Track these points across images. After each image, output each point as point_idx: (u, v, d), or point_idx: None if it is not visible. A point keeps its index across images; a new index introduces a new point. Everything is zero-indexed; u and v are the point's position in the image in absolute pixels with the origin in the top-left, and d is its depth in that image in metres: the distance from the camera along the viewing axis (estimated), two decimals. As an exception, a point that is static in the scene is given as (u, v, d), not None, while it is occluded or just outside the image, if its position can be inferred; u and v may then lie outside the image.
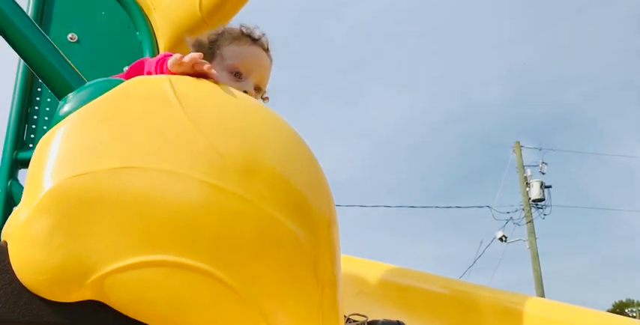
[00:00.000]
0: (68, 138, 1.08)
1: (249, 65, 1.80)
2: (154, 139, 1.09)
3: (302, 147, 1.27)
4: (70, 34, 2.39)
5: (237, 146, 1.14)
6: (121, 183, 1.03)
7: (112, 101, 1.13)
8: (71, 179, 1.02)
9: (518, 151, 22.85)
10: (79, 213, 1.01)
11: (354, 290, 2.12)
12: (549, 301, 1.98)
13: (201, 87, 1.22)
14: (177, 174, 1.06)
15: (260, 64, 1.83)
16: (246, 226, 1.08)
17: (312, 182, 1.24)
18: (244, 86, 1.75)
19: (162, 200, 1.04)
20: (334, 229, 1.25)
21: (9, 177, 2.10)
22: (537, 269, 20.08)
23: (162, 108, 1.13)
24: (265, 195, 1.11)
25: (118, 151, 1.06)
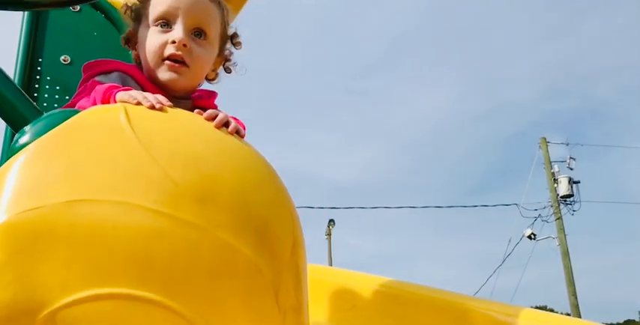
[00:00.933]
0: (21, 171, 1.08)
1: (173, 9, 1.46)
2: (106, 170, 1.08)
3: (262, 168, 1.26)
4: (63, 56, 2.41)
5: (193, 173, 1.13)
6: (72, 217, 1.03)
7: (66, 133, 1.13)
8: (22, 214, 1.03)
9: (544, 147, 22.56)
10: (29, 248, 1.01)
11: (347, 305, 2.10)
12: (546, 313, 1.93)
13: (156, 115, 1.22)
14: (129, 204, 1.06)
15: (189, 3, 1.47)
16: (201, 255, 1.07)
17: (274, 204, 1.23)
18: (172, 34, 1.45)
19: (112, 232, 1.03)
20: (299, 251, 1.24)
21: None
22: (568, 267, 19.78)
23: (116, 138, 1.13)
24: (222, 222, 1.11)
25: (70, 184, 1.06)
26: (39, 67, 2.36)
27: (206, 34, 1.51)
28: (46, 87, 2.34)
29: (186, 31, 1.47)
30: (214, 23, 1.54)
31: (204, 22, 1.50)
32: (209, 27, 1.51)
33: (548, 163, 22.19)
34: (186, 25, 1.47)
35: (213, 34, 1.53)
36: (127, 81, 1.46)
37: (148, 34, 1.50)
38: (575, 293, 19.31)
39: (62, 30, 2.40)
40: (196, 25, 1.49)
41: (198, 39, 1.50)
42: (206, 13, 1.51)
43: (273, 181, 1.26)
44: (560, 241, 20.47)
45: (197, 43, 1.49)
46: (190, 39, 1.48)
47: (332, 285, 2.16)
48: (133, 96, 1.24)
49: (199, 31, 1.50)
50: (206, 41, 1.52)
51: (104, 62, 1.52)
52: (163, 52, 1.47)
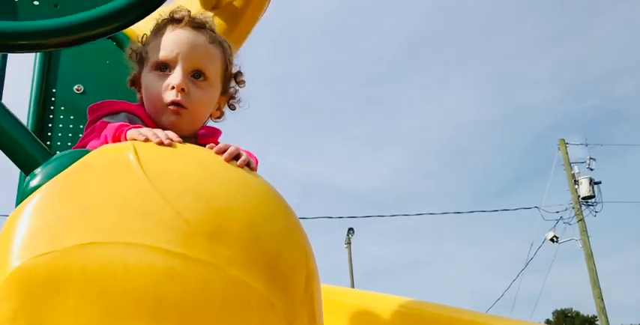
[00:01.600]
0: (33, 215, 1.09)
1: (171, 53, 1.49)
2: (116, 211, 1.09)
3: (273, 201, 1.25)
4: (77, 85, 2.44)
5: (203, 210, 1.13)
6: (83, 260, 1.03)
7: (76, 175, 1.14)
8: (33, 259, 1.03)
9: (563, 148, 22.36)
10: (41, 293, 1.01)
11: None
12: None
13: (166, 152, 1.22)
14: (140, 245, 1.06)
15: (187, 45, 1.49)
16: (214, 293, 1.07)
17: (286, 237, 1.22)
18: (171, 79, 1.47)
19: (123, 274, 1.04)
20: (313, 283, 1.23)
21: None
22: (592, 269, 19.51)
23: (126, 178, 1.13)
24: (234, 259, 1.10)
25: (80, 227, 1.06)
26: (53, 97, 2.39)
27: (205, 75, 1.52)
28: (60, 117, 2.38)
29: (184, 74, 1.49)
30: (214, 64, 1.55)
31: (203, 63, 1.52)
32: (208, 68, 1.53)
33: (567, 165, 21.98)
34: (184, 68, 1.49)
35: (212, 74, 1.54)
36: (134, 121, 1.47)
37: (150, 78, 1.52)
38: (600, 295, 19.03)
39: (75, 60, 2.44)
40: (195, 67, 1.51)
41: (197, 80, 1.51)
42: (204, 55, 1.52)
43: (284, 213, 1.25)
44: (583, 243, 20.23)
45: (196, 85, 1.51)
46: (189, 81, 1.50)
47: (350, 307, 2.14)
48: (142, 134, 1.25)
49: (198, 73, 1.51)
50: (205, 82, 1.53)
51: (111, 103, 1.54)
52: (164, 97, 1.49)
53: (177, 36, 1.51)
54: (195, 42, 1.51)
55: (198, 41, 1.52)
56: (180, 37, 1.51)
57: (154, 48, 1.53)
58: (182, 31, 1.52)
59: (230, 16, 2.30)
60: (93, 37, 1.32)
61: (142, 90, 1.57)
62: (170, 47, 1.50)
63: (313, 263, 1.26)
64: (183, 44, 1.50)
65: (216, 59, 1.56)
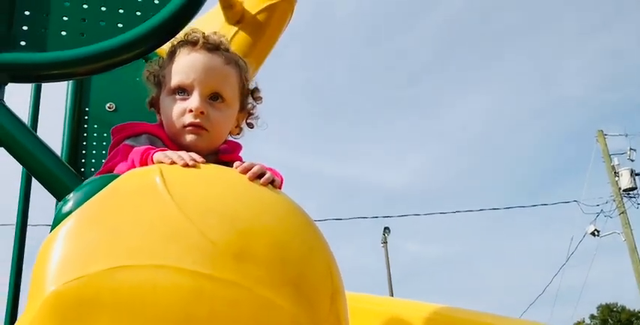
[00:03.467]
0: (65, 241, 1.13)
1: (188, 77, 1.51)
2: (144, 235, 1.12)
3: (297, 219, 1.27)
4: (109, 103, 2.51)
5: (229, 231, 1.16)
6: (114, 283, 1.07)
7: (105, 200, 1.18)
8: (67, 284, 1.08)
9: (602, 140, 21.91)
10: (75, 317, 1.05)
11: (398, 334, 2.09)
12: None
13: (191, 174, 1.25)
14: (168, 267, 1.09)
15: (203, 69, 1.52)
16: (242, 313, 1.10)
17: (311, 255, 1.24)
18: (190, 103, 1.50)
19: (153, 295, 1.07)
20: (338, 299, 1.25)
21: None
22: (637, 261, 19.09)
23: (152, 202, 1.17)
24: (260, 278, 1.13)
25: (110, 251, 1.10)
26: (86, 116, 2.46)
27: (222, 97, 1.55)
28: (94, 135, 2.44)
29: (202, 97, 1.52)
30: (230, 85, 1.58)
31: (220, 86, 1.54)
32: (225, 90, 1.55)
33: (607, 156, 21.53)
34: (202, 92, 1.52)
35: (230, 95, 1.57)
36: (155, 142, 1.51)
37: (168, 102, 1.55)
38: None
39: (106, 78, 2.50)
40: (212, 90, 1.53)
41: (215, 102, 1.54)
42: (220, 77, 1.55)
43: (309, 231, 1.27)
44: (626, 236, 19.80)
45: (214, 107, 1.54)
46: (207, 104, 1.53)
47: (381, 315, 2.15)
48: (168, 156, 1.28)
49: (216, 95, 1.54)
50: (223, 104, 1.56)
51: (132, 125, 1.58)
52: (183, 120, 1.53)
53: (193, 60, 1.54)
54: (210, 65, 1.54)
55: (213, 64, 1.55)
56: (195, 61, 1.54)
57: (170, 72, 1.56)
58: (197, 54, 1.55)
59: (254, 29, 2.33)
60: (119, 63, 1.36)
61: (160, 113, 1.61)
62: (186, 72, 1.53)
63: (339, 279, 1.27)
64: (198, 68, 1.53)
65: (232, 79, 1.58)
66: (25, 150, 1.21)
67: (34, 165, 1.21)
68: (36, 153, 1.21)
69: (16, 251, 2.33)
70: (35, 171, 1.21)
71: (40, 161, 1.21)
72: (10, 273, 2.32)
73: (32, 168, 1.22)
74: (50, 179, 1.21)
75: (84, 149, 2.42)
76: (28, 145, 1.20)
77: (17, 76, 1.27)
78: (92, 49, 1.29)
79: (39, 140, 1.23)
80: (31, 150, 1.21)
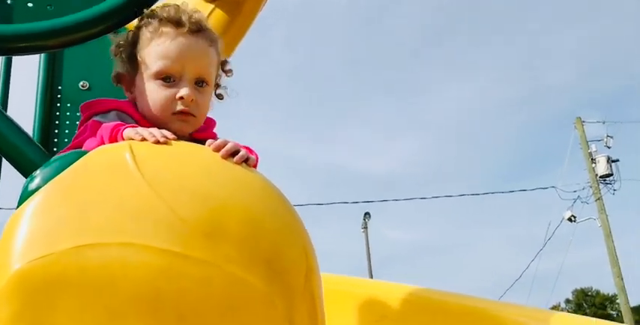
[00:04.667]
0: (32, 218, 1.10)
1: (177, 64, 1.46)
2: (113, 212, 1.10)
3: (271, 197, 1.25)
4: (82, 81, 2.45)
5: (200, 208, 1.13)
6: (82, 261, 1.05)
7: (73, 176, 1.14)
8: (33, 262, 1.05)
9: (580, 127, 22.12)
10: (41, 295, 1.03)
11: (376, 316, 2.09)
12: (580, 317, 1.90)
13: (162, 151, 1.22)
14: (138, 245, 1.07)
15: (193, 56, 1.48)
16: (213, 291, 1.08)
17: (284, 233, 1.22)
18: (180, 92, 1.46)
19: (122, 274, 1.05)
20: (313, 278, 1.23)
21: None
22: (611, 247, 19.39)
23: (122, 178, 1.14)
24: (232, 257, 1.11)
25: (78, 229, 1.07)
26: (59, 94, 2.40)
27: (207, 81, 1.52)
28: (67, 114, 2.39)
29: (191, 85, 1.48)
30: (213, 67, 1.55)
31: (206, 72, 1.51)
32: (210, 75, 1.53)
33: (584, 143, 21.75)
34: (189, 81, 1.48)
35: (211, 78, 1.54)
36: (125, 119, 1.46)
37: (151, 87, 1.48)
38: (620, 274, 18.93)
39: (79, 56, 2.44)
40: (199, 76, 1.50)
41: (200, 87, 1.51)
42: (207, 63, 1.51)
43: (282, 210, 1.25)
44: (601, 222, 20.08)
45: (200, 92, 1.51)
46: (195, 91, 1.49)
47: (359, 296, 2.15)
48: (138, 133, 1.25)
49: (201, 80, 1.51)
50: (207, 87, 1.53)
51: (101, 101, 1.53)
52: (171, 107, 1.48)
53: (181, 45, 1.47)
54: (198, 51, 1.49)
55: (200, 49, 1.50)
56: (183, 47, 1.47)
57: (151, 54, 1.48)
58: (184, 39, 1.48)
59: (231, 8, 2.28)
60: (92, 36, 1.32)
61: (134, 92, 1.55)
62: (174, 58, 1.46)
63: (313, 258, 1.26)
64: (187, 55, 1.47)
65: (214, 62, 1.55)
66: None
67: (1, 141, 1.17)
68: (1, 129, 1.17)
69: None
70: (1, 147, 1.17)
71: (5, 137, 1.17)
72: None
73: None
74: (17, 155, 1.17)
75: (56, 128, 2.37)
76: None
77: (-19, 49, 1.23)
78: (61, 21, 1.25)
79: (4, 115, 1.19)
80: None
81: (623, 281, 18.86)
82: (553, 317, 1.89)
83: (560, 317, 1.90)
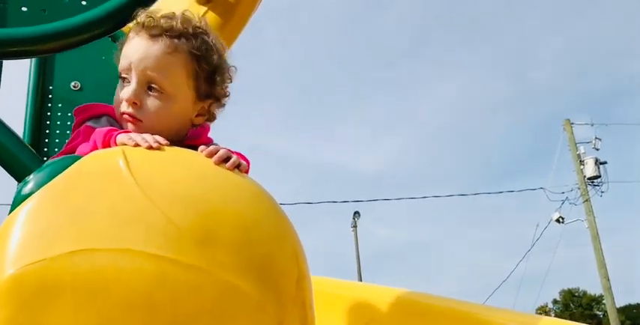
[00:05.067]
0: (25, 223, 1.10)
1: (127, 63, 1.44)
2: (107, 218, 1.10)
3: (263, 203, 1.26)
4: (73, 82, 2.45)
5: (193, 214, 1.14)
6: (75, 267, 1.05)
7: (67, 182, 1.15)
8: (27, 267, 1.05)
9: (569, 128, 22.28)
10: (35, 300, 1.03)
11: (365, 319, 2.11)
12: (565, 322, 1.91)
13: (155, 157, 1.23)
14: (131, 251, 1.07)
15: (137, 57, 1.43)
16: (205, 297, 1.09)
17: (276, 239, 1.23)
18: (123, 92, 1.44)
19: (115, 280, 1.05)
20: (304, 284, 1.25)
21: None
22: (598, 249, 19.55)
23: (115, 184, 1.14)
24: (224, 263, 1.12)
25: (72, 234, 1.08)
26: (50, 94, 2.40)
27: (160, 88, 1.45)
28: (58, 114, 2.39)
29: (139, 86, 1.44)
30: (171, 74, 1.46)
31: (155, 77, 1.44)
32: (162, 81, 1.45)
33: (573, 145, 21.91)
34: (139, 81, 1.44)
35: (169, 86, 1.46)
36: (113, 124, 1.47)
37: (117, 87, 1.50)
38: (607, 275, 19.08)
39: (70, 57, 2.44)
40: (147, 79, 1.45)
41: (152, 93, 1.45)
42: (156, 67, 1.44)
43: (274, 215, 1.26)
44: (589, 223, 20.23)
45: (153, 97, 1.45)
46: (144, 94, 1.45)
47: (348, 299, 2.16)
48: (131, 138, 1.26)
49: (150, 86, 1.45)
50: (162, 95, 1.46)
51: (93, 106, 1.54)
52: (121, 107, 1.47)
53: (132, 46, 1.46)
54: (146, 53, 1.44)
55: (150, 52, 1.44)
56: (133, 47, 1.45)
57: (119, 55, 1.50)
58: (138, 39, 1.46)
59: (224, 10, 2.29)
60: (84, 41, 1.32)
61: None
62: (126, 58, 1.46)
63: (304, 263, 1.27)
64: (133, 55, 1.45)
65: (174, 69, 1.46)
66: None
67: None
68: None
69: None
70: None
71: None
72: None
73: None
74: (9, 159, 1.18)
75: (47, 129, 2.37)
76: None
77: (-25, 53, 1.23)
78: (55, 26, 1.25)
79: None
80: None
81: (609, 282, 19.01)
82: (541, 321, 1.90)
83: (549, 322, 1.92)
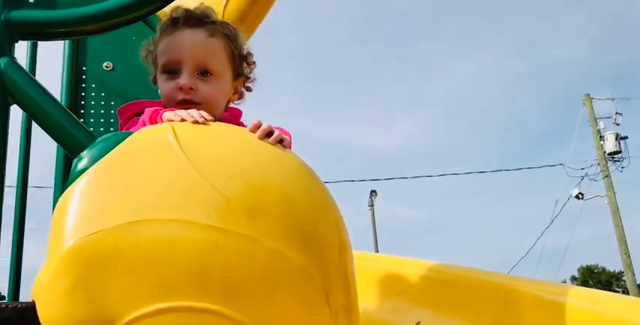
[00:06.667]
0: (82, 196, 1.16)
1: (175, 56, 1.57)
2: (160, 190, 1.15)
3: (306, 176, 1.31)
4: (106, 62, 2.50)
5: (241, 186, 1.19)
6: (132, 237, 1.11)
7: (120, 156, 1.20)
8: (86, 237, 1.11)
9: (588, 104, 22.02)
10: (95, 269, 1.09)
11: (395, 290, 2.16)
12: (595, 291, 1.95)
13: (203, 131, 1.28)
14: (184, 221, 1.13)
15: (188, 47, 1.58)
16: (255, 264, 1.14)
17: (319, 210, 1.28)
18: (179, 81, 1.56)
19: (170, 249, 1.11)
20: (346, 254, 1.29)
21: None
22: (619, 225, 19.45)
23: (166, 158, 1.19)
24: (272, 232, 1.17)
25: (127, 206, 1.13)
26: (83, 75, 2.45)
27: (211, 70, 1.59)
28: (92, 94, 2.44)
29: (190, 74, 1.56)
30: (217, 56, 1.61)
31: (206, 61, 1.58)
32: (212, 64, 1.59)
33: (593, 120, 21.69)
34: (190, 69, 1.56)
35: (218, 67, 1.61)
36: None
37: (161, 81, 1.61)
38: (627, 251, 19.02)
39: (103, 38, 2.48)
40: (199, 65, 1.58)
41: (204, 77, 1.58)
42: (206, 53, 1.58)
43: (317, 188, 1.31)
44: (609, 199, 20.11)
45: (204, 81, 1.58)
46: (196, 80, 1.57)
47: (378, 271, 2.22)
48: (177, 114, 1.31)
49: (204, 70, 1.58)
50: (213, 77, 1.60)
51: (136, 104, 1.64)
52: (175, 97, 1.58)
53: (178, 39, 1.58)
54: (194, 42, 1.58)
55: (196, 40, 1.58)
56: (179, 39, 1.58)
57: (160, 53, 1.61)
58: (180, 32, 1.59)
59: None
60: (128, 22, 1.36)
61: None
62: (172, 50, 1.58)
63: (346, 234, 1.32)
64: (183, 47, 1.57)
65: (218, 51, 1.62)
66: (39, 108, 1.22)
67: (49, 122, 1.23)
68: (50, 111, 1.22)
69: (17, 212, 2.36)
70: (49, 128, 1.23)
71: (54, 118, 1.22)
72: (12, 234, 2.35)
73: (46, 126, 1.24)
74: (64, 136, 1.23)
75: (82, 108, 2.43)
76: (42, 103, 1.22)
77: (27, 34, 1.27)
78: (101, 6, 1.29)
79: (52, 98, 1.24)
80: (45, 108, 1.22)
81: (630, 258, 18.96)
82: (570, 290, 1.94)
83: (577, 290, 1.95)
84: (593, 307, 1.85)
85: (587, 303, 1.88)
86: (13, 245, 2.34)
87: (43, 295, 1.11)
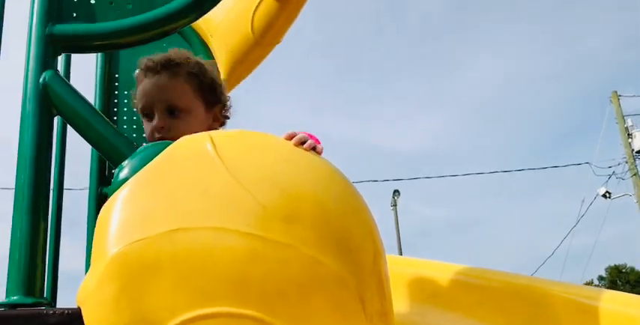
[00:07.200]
0: (125, 205, 1.20)
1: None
2: (199, 199, 1.19)
3: (340, 183, 1.33)
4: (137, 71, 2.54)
5: (278, 194, 1.21)
6: (173, 245, 1.14)
7: (160, 166, 1.24)
8: (130, 245, 1.14)
9: (615, 101, 21.70)
10: (139, 276, 1.13)
11: (425, 294, 2.17)
12: (628, 295, 1.93)
13: (240, 140, 1.31)
14: (224, 229, 1.16)
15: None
16: (292, 271, 1.16)
17: (354, 217, 1.30)
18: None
19: (210, 256, 1.14)
20: (379, 259, 1.31)
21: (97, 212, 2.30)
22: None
23: (205, 167, 1.23)
24: (308, 239, 1.19)
25: (168, 215, 1.17)
26: (116, 82, 2.50)
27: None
28: (124, 101, 2.49)
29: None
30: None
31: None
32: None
33: (620, 117, 21.37)
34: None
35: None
36: None
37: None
38: (657, 251, 18.69)
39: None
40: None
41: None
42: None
43: (351, 194, 1.33)
44: (637, 198, 19.81)
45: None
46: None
47: (408, 275, 2.23)
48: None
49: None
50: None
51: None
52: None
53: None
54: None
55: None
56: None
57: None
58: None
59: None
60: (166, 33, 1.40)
61: None
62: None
63: (379, 240, 1.34)
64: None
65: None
66: (82, 119, 1.27)
67: (91, 133, 1.27)
68: (92, 122, 1.26)
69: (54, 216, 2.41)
70: (92, 139, 1.27)
71: (96, 129, 1.26)
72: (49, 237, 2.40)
73: (89, 137, 1.28)
74: (106, 146, 1.26)
75: (115, 115, 2.48)
76: (84, 114, 1.26)
77: (70, 47, 1.32)
78: (140, 19, 1.33)
79: (94, 109, 1.29)
80: (87, 119, 1.26)
81: (658, 258, 18.62)
82: (601, 294, 1.93)
83: (609, 294, 1.94)
84: (626, 311, 1.84)
85: (619, 307, 1.87)
86: (50, 249, 2.39)
87: (88, 301, 1.15)
